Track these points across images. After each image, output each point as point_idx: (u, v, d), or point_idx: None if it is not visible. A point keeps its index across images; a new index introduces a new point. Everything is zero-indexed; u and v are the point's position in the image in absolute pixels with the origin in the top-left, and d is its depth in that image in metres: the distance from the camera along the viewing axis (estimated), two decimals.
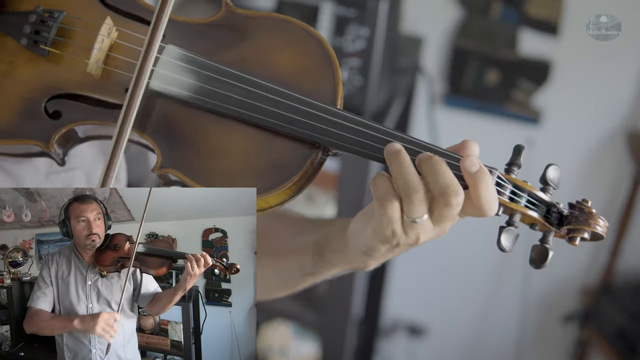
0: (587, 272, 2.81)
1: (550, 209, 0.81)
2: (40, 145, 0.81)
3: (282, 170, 0.79)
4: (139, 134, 0.81)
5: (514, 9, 2.49)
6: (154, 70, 0.81)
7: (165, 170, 0.80)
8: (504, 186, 0.79)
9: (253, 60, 0.83)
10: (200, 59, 0.82)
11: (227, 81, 0.80)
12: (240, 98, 0.80)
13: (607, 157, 2.63)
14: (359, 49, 1.89)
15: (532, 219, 0.80)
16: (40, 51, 0.83)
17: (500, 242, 0.78)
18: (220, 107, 0.80)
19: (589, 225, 0.79)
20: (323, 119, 0.79)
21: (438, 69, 2.65)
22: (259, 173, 0.79)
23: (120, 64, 0.83)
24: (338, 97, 0.82)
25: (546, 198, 0.81)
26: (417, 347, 3.14)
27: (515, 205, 0.79)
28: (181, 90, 0.81)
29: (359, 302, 2.34)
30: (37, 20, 0.83)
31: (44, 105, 0.82)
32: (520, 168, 0.81)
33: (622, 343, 2.52)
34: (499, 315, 3.01)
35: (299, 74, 0.82)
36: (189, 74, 0.81)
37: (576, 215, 0.80)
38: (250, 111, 0.80)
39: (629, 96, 2.51)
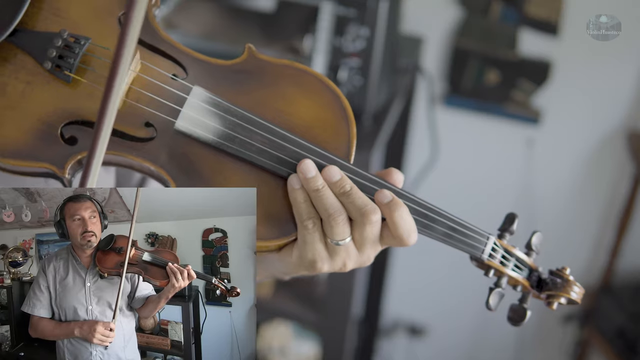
0: (587, 272, 2.81)
1: (532, 273, 0.91)
2: (54, 170, 0.81)
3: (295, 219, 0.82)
4: (154, 166, 0.82)
5: (514, 9, 2.49)
6: (181, 111, 0.82)
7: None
8: (497, 251, 0.87)
9: (273, 109, 0.84)
10: (227, 104, 0.83)
11: (251, 128, 0.82)
12: (261, 146, 0.82)
13: (607, 157, 2.63)
14: (359, 49, 1.89)
15: (516, 281, 0.91)
16: (63, 77, 0.82)
17: (489, 302, 0.91)
18: (241, 152, 0.81)
19: (566, 292, 0.90)
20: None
21: (438, 69, 2.65)
22: (272, 219, 0.81)
23: (141, 98, 0.83)
24: (352, 152, 0.84)
25: (529, 262, 0.91)
26: (417, 347, 3.14)
27: (504, 268, 0.89)
28: (206, 134, 0.82)
29: (359, 302, 2.34)
30: (62, 44, 0.82)
31: (60, 130, 0.82)
32: (512, 235, 0.90)
33: (622, 343, 2.52)
34: (499, 315, 3.00)
35: (316, 126, 0.84)
36: (215, 118, 0.82)
37: (555, 282, 0.90)
38: (269, 159, 0.81)
39: (629, 96, 2.51)
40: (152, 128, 0.83)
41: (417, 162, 2.71)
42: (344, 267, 0.82)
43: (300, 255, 0.81)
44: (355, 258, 0.82)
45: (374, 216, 0.79)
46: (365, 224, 0.79)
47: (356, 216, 0.79)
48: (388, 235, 0.81)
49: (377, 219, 0.79)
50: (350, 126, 0.84)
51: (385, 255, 2.82)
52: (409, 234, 0.80)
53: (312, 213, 0.79)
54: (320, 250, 0.80)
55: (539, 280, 0.91)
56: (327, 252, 0.81)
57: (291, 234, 0.81)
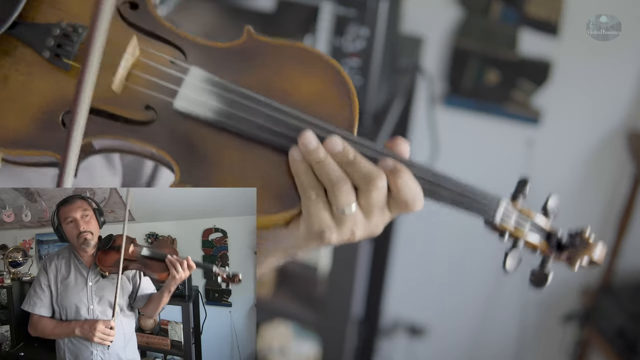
0: (587, 272, 2.81)
1: (551, 236, 0.89)
2: (57, 157, 0.81)
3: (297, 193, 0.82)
4: (156, 149, 0.82)
5: (514, 9, 2.49)
6: (178, 91, 0.82)
7: (184, 186, 0.81)
8: (510, 214, 0.86)
9: (273, 86, 0.85)
10: (225, 82, 0.83)
11: (250, 105, 0.82)
12: (262, 122, 0.82)
13: (607, 157, 2.63)
14: (359, 49, 1.89)
15: (533, 245, 0.88)
16: (62, 64, 0.83)
17: (506, 264, 0.87)
18: (242, 130, 0.82)
19: (586, 252, 0.88)
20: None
21: (438, 69, 2.65)
22: (275, 194, 0.81)
23: (141, 82, 0.84)
24: (354, 124, 0.84)
25: (546, 226, 0.88)
26: (417, 347, 3.14)
27: (519, 231, 0.86)
28: (204, 112, 0.82)
29: (359, 302, 2.34)
30: (60, 33, 0.83)
31: (61, 118, 0.82)
32: (525, 198, 0.88)
33: (622, 343, 2.52)
34: (499, 315, 3.01)
35: (317, 101, 0.84)
36: (214, 96, 0.82)
37: (574, 243, 0.88)
38: (269, 135, 0.81)
39: (629, 96, 2.51)
40: (152, 111, 0.83)
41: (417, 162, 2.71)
42: (353, 236, 0.81)
43: (307, 226, 0.81)
44: (364, 226, 0.81)
45: (380, 182, 0.78)
46: (371, 190, 0.78)
47: (361, 184, 0.78)
48: (394, 203, 0.80)
49: (383, 185, 0.79)
50: (352, 99, 0.84)
51: (386, 255, 2.82)
52: (414, 200, 0.80)
53: (314, 184, 0.79)
54: (326, 219, 0.79)
55: (559, 244, 0.88)
56: (333, 221, 0.80)
57: (295, 206, 0.81)
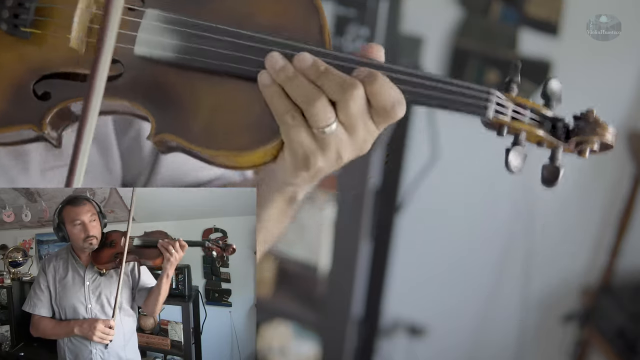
0: (587, 272, 2.81)
1: (556, 124, 0.79)
2: (34, 129, 0.80)
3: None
4: (129, 102, 0.80)
5: (514, 9, 2.49)
6: (136, 36, 0.81)
7: (162, 136, 0.79)
8: (505, 106, 0.77)
9: (234, 14, 0.82)
10: (180, 18, 0.81)
11: (210, 36, 0.79)
12: (226, 52, 0.79)
13: (607, 157, 2.62)
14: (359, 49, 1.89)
15: (538, 136, 0.79)
16: (21, 34, 0.82)
17: (509, 162, 0.77)
18: (207, 63, 0.79)
19: (597, 134, 0.77)
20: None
21: (438, 69, 2.64)
22: (255, 125, 0.78)
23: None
24: (325, 39, 0.81)
25: (549, 114, 0.79)
26: (417, 347, 3.14)
27: (518, 123, 0.78)
28: (166, 52, 0.80)
29: (359, 302, 2.34)
30: (14, 3, 0.82)
31: (32, 88, 0.81)
32: (519, 85, 0.80)
33: (622, 343, 2.52)
34: (499, 315, 3.00)
35: (282, 21, 0.81)
36: (172, 34, 0.80)
37: (582, 127, 0.78)
38: (236, 63, 0.79)
39: (629, 96, 2.51)
40: (118, 64, 0.81)
41: (417, 162, 2.71)
42: (341, 159, 0.77)
43: (291, 154, 0.77)
44: (350, 145, 0.77)
45: (356, 90, 0.73)
46: (348, 100, 0.74)
47: (337, 96, 0.74)
48: (374, 112, 0.76)
49: (359, 93, 0.74)
50: (319, 13, 0.81)
51: (386, 255, 2.82)
52: (393, 105, 0.75)
53: (289, 106, 0.75)
54: (308, 142, 0.75)
55: (567, 132, 0.78)
56: (316, 144, 0.75)
57: (275, 137, 0.77)
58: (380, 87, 0.75)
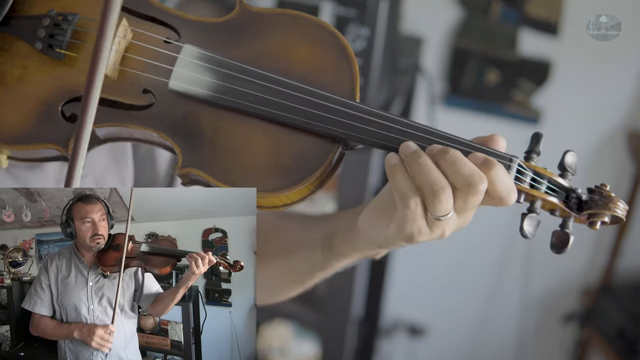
0: (587, 272, 2.81)
1: (570, 195, 0.82)
2: (58, 149, 0.81)
3: (304, 166, 0.79)
4: (157, 133, 0.81)
5: (514, 9, 2.49)
6: (172, 70, 0.81)
7: (187, 170, 0.80)
8: (525, 174, 0.80)
9: (270, 57, 0.83)
10: (219, 57, 0.82)
11: (246, 78, 0.80)
12: (260, 95, 0.80)
13: (607, 157, 2.63)
14: (359, 49, 1.88)
15: (552, 204, 0.81)
16: (55, 54, 0.83)
17: (523, 229, 0.79)
18: (239, 104, 0.80)
19: (609, 209, 0.80)
20: (343, 113, 0.79)
21: (438, 69, 2.65)
22: (281, 169, 0.79)
23: (136, 65, 0.83)
24: (356, 90, 0.82)
25: (565, 184, 0.82)
26: (417, 347, 3.14)
27: (536, 192, 0.80)
28: (201, 90, 0.81)
29: (359, 302, 2.34)
30: (51, 23, 0.83)
31: (60, 109, 0.82)
32: (539, 155, 0.82)
33: (622, 343, 2.52)
34: (499, 315, 3.01)
35: (316, 69, 0.82)
36: (208, 72, 0.81)
37: (595, 200, 0.81)
38: (269, 107, 0.80)
39: (629, 96, 2.52)
40: (150, 94, 0.82)
41: None
42: (443, 235, 0.78)
43: (399, 229, 0.77)
44: (455, 224, 0.78)
45: (482, 185, 0.74)
46: (471, 194, 0.74)
47: (461, 185, 0.74)
48: (487, 197, 0.76)
49: (484, 188, 0.75)
50: (351, 63, 0.83)
51: (385, 255, 2.82)
52: (510, 193, 0.76)
53: (414, 190, 0.75)
54: (421, 226, 0.76)
55: (579, 203, 0.81)
56: (427, 227, 0.77)
57: (302, 181, 0.79)
58: (497, 175, 0.75)
